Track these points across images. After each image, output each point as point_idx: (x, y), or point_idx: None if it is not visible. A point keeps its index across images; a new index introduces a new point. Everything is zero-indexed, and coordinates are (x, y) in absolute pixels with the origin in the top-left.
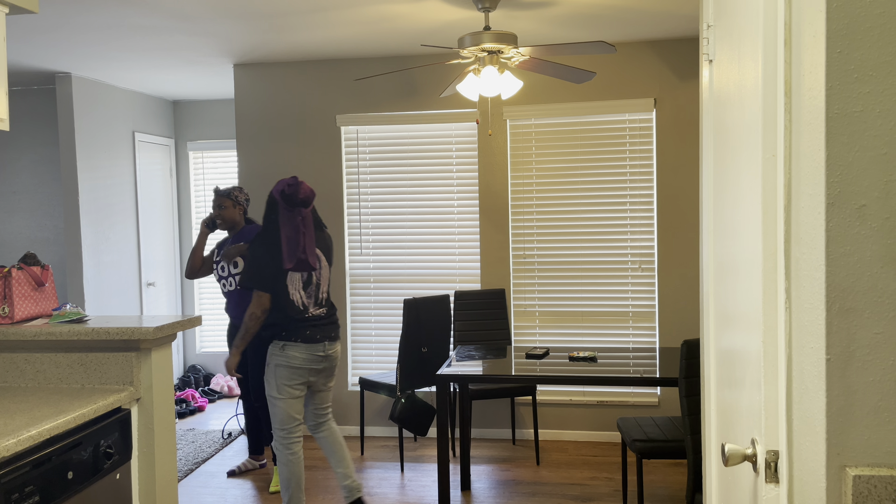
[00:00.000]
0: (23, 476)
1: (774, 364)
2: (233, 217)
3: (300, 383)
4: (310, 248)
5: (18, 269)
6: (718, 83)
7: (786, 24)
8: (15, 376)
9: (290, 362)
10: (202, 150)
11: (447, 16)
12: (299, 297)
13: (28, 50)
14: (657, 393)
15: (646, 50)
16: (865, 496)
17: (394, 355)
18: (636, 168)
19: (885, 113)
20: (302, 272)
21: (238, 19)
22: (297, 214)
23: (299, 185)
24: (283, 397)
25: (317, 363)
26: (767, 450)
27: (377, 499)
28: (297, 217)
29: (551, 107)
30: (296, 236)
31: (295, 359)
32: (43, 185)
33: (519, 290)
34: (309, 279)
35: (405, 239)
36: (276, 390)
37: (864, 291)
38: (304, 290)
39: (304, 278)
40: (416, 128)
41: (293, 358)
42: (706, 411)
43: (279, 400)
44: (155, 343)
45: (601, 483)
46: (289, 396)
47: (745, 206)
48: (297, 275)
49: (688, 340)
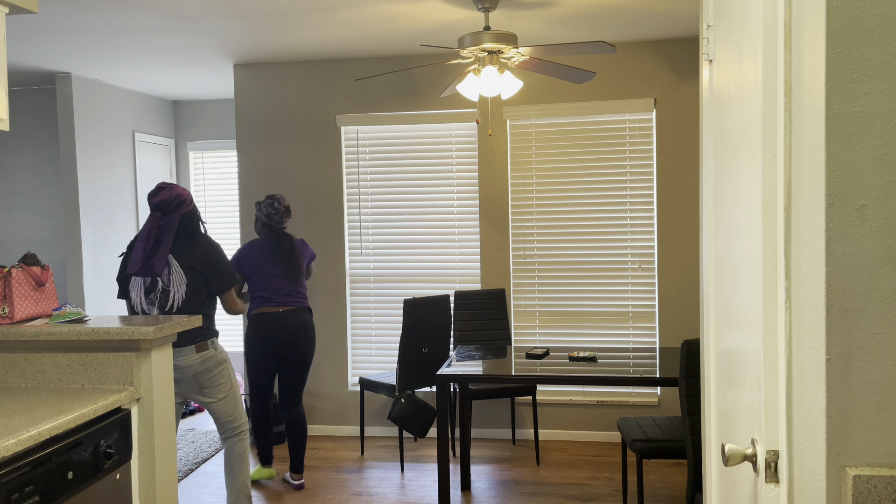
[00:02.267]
0: (23, 476)
1: (774, 364)
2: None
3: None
4: (161, 254)
5: (18, 269)
6: (718, 83)
7: (786, 24)
8: (15, 376)
9: None
10: (202, 150)
11: (447, 16)
12: (139, 301)
13: (28, 50)
14: (657, 393)
15: (646, 50)
16: (865, 496)
17: (394, 355)
18: (636, 168)
19: (885, 113)
20: (144, 277)
21: (238, 19)
22: (153, 219)
23: (159, 190)
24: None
25: None
26: (767, 450)
27: (377, 499)
28: (153, 221)
29: (551, 107)
30: (142, 241)
31: None
32: (43, 185)
33: (519, 290)
34: (153, 285)
35: (405, 239)
36: None
37: (864, 291)
38: (146, 296)
39: (146, 284)
40: (416, 128)
41: None
42: (706, 411)
43: None
44: (155, 343)
45: (601, 483)
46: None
47: (745, 206)
48: (139, 280)
49: (688, 340)
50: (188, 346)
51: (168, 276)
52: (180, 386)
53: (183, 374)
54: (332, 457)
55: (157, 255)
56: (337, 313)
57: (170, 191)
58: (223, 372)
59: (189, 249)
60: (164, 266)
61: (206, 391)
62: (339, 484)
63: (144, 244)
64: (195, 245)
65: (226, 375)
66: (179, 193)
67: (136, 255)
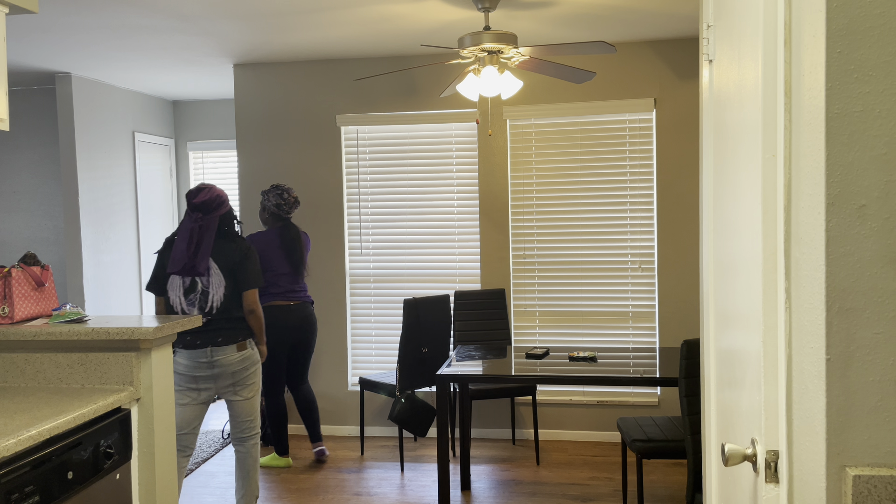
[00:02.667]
0: (23, 476)
1: (774, 364)
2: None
3: (189, 390)
4: (203, 254)
5: (18, 269)
6: (718, 83)
7: (786, 24)
8: (15, 376)
9: (176, 368)
10: (202, 150)
11: (447, 16)
12: (179, 303)
13: (28, 50)
14: (657, 393)
15: (646, 50)
16: (865, 496)
17: (394, 355)
18: (636, 168)
19: (885, 113)
20: (184, 277)
21: (238, 19)
22: (194, 219)
23: (199, 190)
24: (175, 403)
25: (202, 370)
26: (767, 450)
27: (377, 499)
28: (194, 222)
29: (551, 107)
30: (184, 240)
31: (178, 364)
32: (43, 185)
33: (519, 290)
34: (192, 286)
35: (405, 239)
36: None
37: (864, 291)
38: (185, 296)
39: (185, 284)
40: (416, 128)
41: (177, 364)
42: (706, 411)
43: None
44: (155, 343)
45: (601, 483)
46: (178, 402)
47: (745, 206)
48: (177, 280)
49: (688, 340)
50: (231, 346)
51: (207, 279)
52: (217, 382)
53: (223, 371)
54: (332, 457)
55: (200, 256)
56: (337, 313)
57: (210, 191)
58: (256, 372)
59: (226, 250)
60: (207, 267)
61: (238, 389)
62: (338, 484)
63: (187, 244)
64: (233, 246)
65: (258, 375)
66: (219, 194)
67: (176, 253)
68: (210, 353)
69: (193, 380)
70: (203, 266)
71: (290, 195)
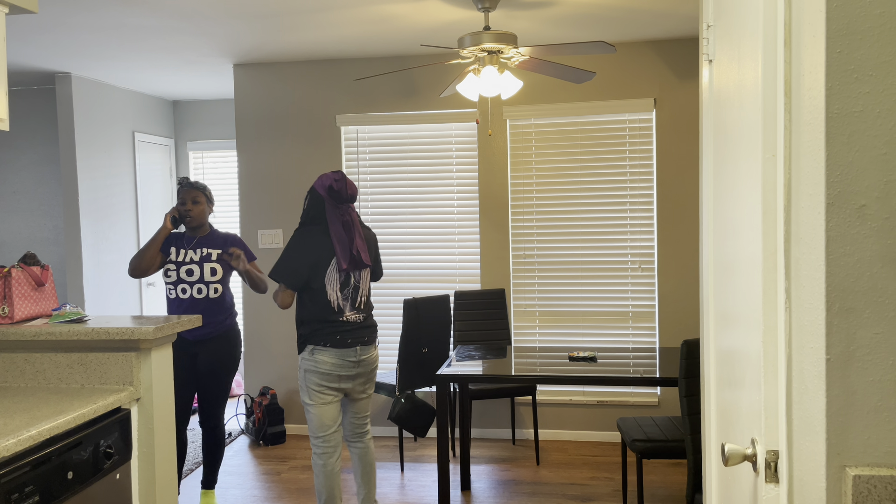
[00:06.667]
0: (23, 476)
1: (774, 364)
2: (204, 214)
3: (331, 389)
4: (361, 245)
5: (18, 269)
6: (718, 83)
7: (786, 24)
8: (15, 376)
9: (318, 367)
10: (202, 150)
11: (447, 16)
12: (336, 298)
13: (28, 50)
14: (657, 393)
15: (646, 50)
16: (865, 496)
17: (394, 355)
18: (636, 168)
19: (885, 113)
20: (340, 272)
21: (238, 19)
22: (344, 211)
23: (346, 181)
24: (315, 403)
25: (348, 369)
26: (767, 450)
27: (377, 499)
28: (344, 214)
29: (551, 107)
30: (346, 234)
31: (324, 364)
32: (43, 185)
33: (519, 290)
34: (347, 280)
35: (405, 239)
36: (308, 396)
37: (864, 291)
38: (341, 291)
39: (341, 279)
40: (416, 128)
41: (322, 363)
42: (706, 411)
43: (311, 406)
44: (155, 343)
45: (601, 483)
46: (320, 402)
47: (745, 206)
48: (335, 275)
49: (688, 340)
50: (374, 344)
51: (359, 273)
52: (355, 380)
53: (365, 370)
54: None
55: (362, 248)
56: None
57: (349, 180)
58: (376, 370)
59: (370, 241)
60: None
61: (367, 387)
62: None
63: (348, 238)
64: (369, 234)
65: (376, 374)
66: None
67: (345, 249)
68: (358, 352)
69: (337, 378)
70: (366, 258)
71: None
